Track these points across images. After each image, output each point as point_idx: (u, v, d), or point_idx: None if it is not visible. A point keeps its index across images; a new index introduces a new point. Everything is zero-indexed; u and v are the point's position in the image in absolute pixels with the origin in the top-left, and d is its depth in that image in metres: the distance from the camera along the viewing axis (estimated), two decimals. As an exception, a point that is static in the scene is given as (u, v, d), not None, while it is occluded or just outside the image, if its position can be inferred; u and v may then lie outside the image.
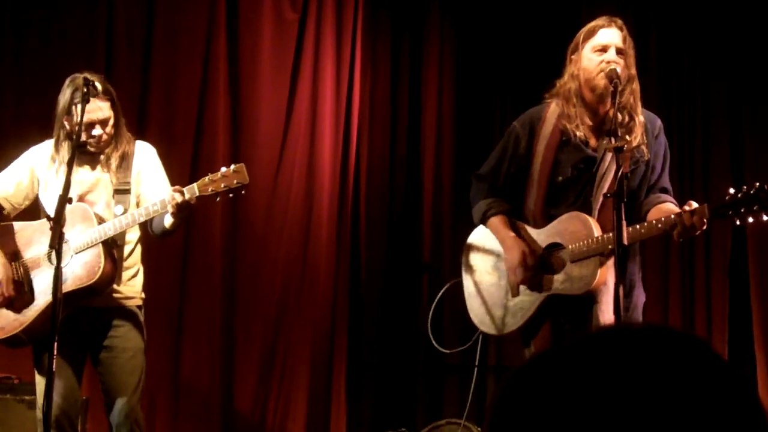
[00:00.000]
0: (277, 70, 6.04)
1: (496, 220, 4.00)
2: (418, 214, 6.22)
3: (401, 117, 6.32)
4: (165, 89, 5.87)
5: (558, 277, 3.83)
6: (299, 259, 5.95)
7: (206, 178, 3.93)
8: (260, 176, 5.72)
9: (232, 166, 3.95)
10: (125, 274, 4.20)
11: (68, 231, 3.93)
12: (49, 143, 4.28)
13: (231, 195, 3.98)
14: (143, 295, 4.30)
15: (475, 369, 4.68)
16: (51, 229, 3.76)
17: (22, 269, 4.18)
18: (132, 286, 4.24)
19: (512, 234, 3.92)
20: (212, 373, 5.77)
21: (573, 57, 3.92)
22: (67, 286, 3.93)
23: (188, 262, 5.78)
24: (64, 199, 3.75)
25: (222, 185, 3.91)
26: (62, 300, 3.70)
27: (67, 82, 4.16)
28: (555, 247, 3.87)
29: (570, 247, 3.80)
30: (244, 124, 6.02)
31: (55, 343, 3.63)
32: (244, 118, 6.01)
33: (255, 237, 5.94)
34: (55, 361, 3.65)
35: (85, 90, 3.96)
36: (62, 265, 3.84)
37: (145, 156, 4.32)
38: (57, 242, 3.70)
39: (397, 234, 6.23)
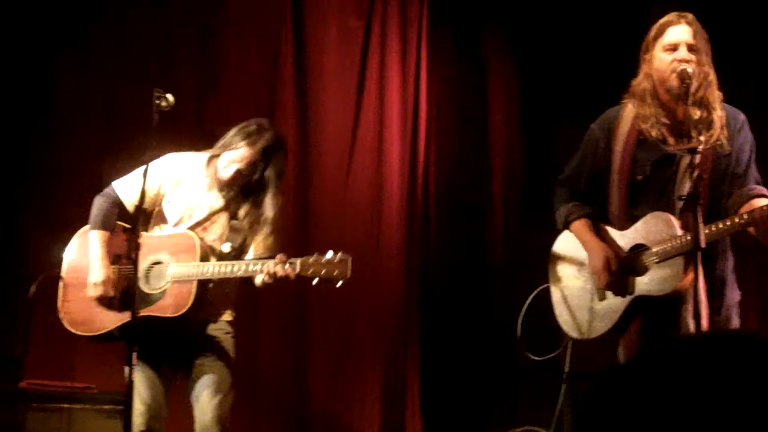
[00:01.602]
0: (343, 78, 6.08)
1: (578, 224, 3.98)
2: (488, 220, 6.17)
3: (468, 121, 6.29)
4: (232, 100, 5.91)
5: (643, 279, 3.79)
6: (369, 265, 5.95)
7: (311, 259, 3.92)
8: (330, 183, 5.75)
9: (339, 255, 3.92)
10: (218, 293, 4.20)
11: (170, 255, 4.03)
12: (181, 156, 4.30)
13: (327, 284, 3.93)
14: (234, 313, 4.30)
15: (564, 375, 4.62)
16: (126, 240, 3.88)
17: (119, 274, 4.19)
18: (223, 303, 4.26)
19: (596, 237, 3.90)
20: (287, 374, 5.81)
21: (645, 56, 3.89)
22: (150, 309, 4.00)
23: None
24: (140, 209, 3.83)
25: (323, 272, 3.90)
26: (145, 317, 3.83)
27: (256, 127, 4.19)
28: (639, 248, 3.83)
29: (654, 248, 3.75)
30: (312, 132, 6.06)
31: (135, 354, 3.68)
32: (311, 127, 6.06)
33: (325, 243, 5.91)
34: (136, 370, 3.72)
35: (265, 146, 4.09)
36: (157, 287, 4.02)
37: (270, 205, 4.24)
38: (134, 250, 3.79)
39: (467, 239, 6.18)
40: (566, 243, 4.07)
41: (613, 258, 3.81)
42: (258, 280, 4.09)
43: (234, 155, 4.15)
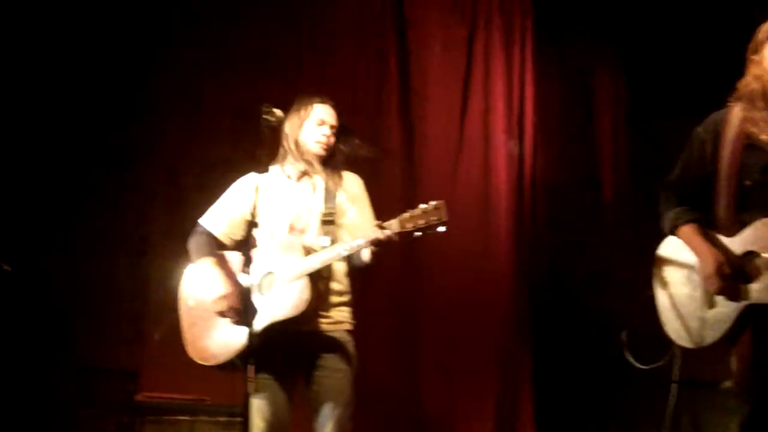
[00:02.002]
0: (448, 88, 6.11)
1: (686, 229, 3.89)
2: (598, 227, 6.12)
3: (573, 129, 6.25)
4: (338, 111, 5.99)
5: (755, 286, 3.67)
6: (478, 272, 5.95)
7: (406, 215, 3.92)
8: (436, 192, 5.71)
9: (432, 203, 3.92)
10: (335, 301, 4.24)
11: (276, 262, 4.07)
12: (257, 174, 4.34)
13: (430, 232, 3.93)
14: (353, 321, 4.32)
15: (673, 385, 4.53)
16: (243, 254, 3.91)
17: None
18: (341, 311, 4.28)
19: (706, 242, 3.80)
20: (398, 386, 5.83)
21: (754, 57, 3.78)
22: (274, 316, 4.03)
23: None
24: (251, 224, 3.91)
25: (421, 222, 3.90)
26: (269, 327, 3.91)
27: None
28: (750, 254, 3.72)
29: (765, 254, 3.65)
30: (418, 142, 6.10)
31: (252, 367, 3.75)
32: (417, 136, 6.10)
33: (433, 251, 5.97)
34: (253, 384, 3.76)
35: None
36: (269, 294, 4.03)
37: (352, 187, 4.36)
38: (246, 265, 3.87)
39: (575, 245, 6.14)
40: (673, 248, 3.97)
41: (725, 262, 3.71)
42: (365, 255, 4.13)
43: (312, 120, 4.28)
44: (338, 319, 4.25)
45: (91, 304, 6.06)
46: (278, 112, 4.13)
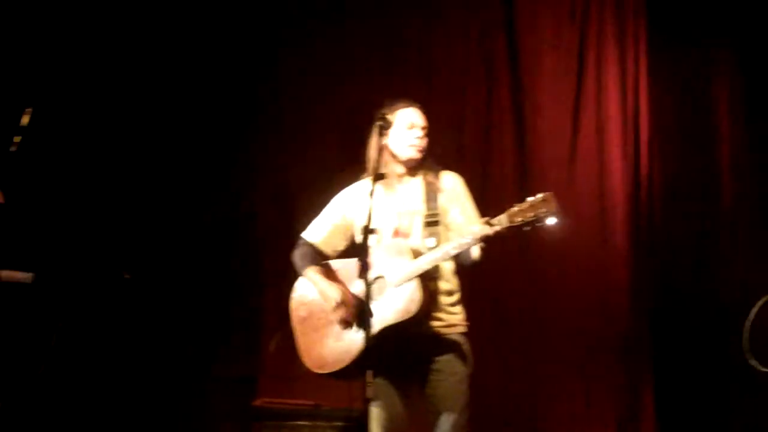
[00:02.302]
0: (559, 87, 6.03)
1: None
2: (716, 231, 5.99)
3: (690, 128, 6.11)
4: (449, 116, 5.99)
5: None
6: (595, 274, 5.88)
7: (514, 209, 3.88)
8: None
9: (539, 195, 3.86)
10: (446, 302, 4.21)
11: (384, 266, 4.07)
12: (358, 184, 4.40)
13: (539, 225, 3.88)
14: (467, 323, 4.27)
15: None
16: (360, 260, 3.87)
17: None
18: (454, 314, 4.24)
19: None
20: (515, 393, 5.79)
21: None
22: (387, 320, 4.02)
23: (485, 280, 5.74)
24: (367, 231, 3.86)
25: (530, 215, 3.85)
26: (382, 332, 3.88)
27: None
28: None
29: None
30: (530, 145, 6.04)
31: (370, 372, 3.72)
32: (529, 137, 6.04)
33: (548, 253, 5.92)
34: (371, 389, 3.73)
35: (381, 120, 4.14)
36: (380, 299, 4.01)
37: (452, 186, 4.32)
38: (364, 275, 3.81)
39: (695, 252, 6.01)
40: None
41: None
42: (474, 253, 4.08)
43: (401, 125, 4.24)
44: (452, 321, 4.22)
45: (208, 312, 6.13)
46: (391, 118, 4.20)
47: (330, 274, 4.31)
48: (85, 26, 6.12)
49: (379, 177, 4.10)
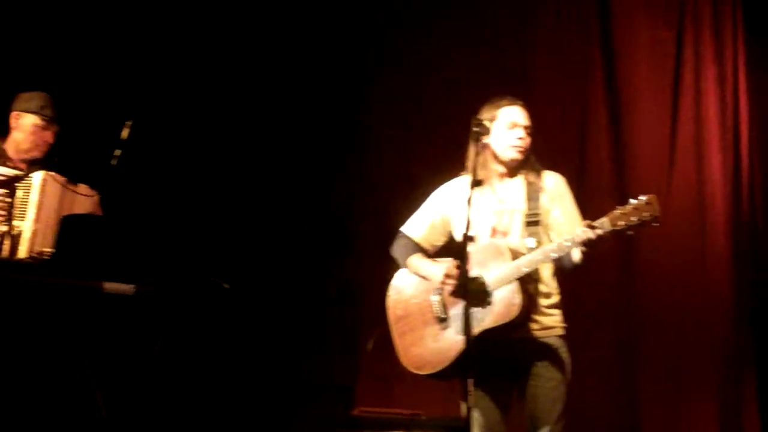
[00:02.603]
0: (656, 91, 5.96)
1: None
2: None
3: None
4: (546, 122, 5.93)
5: None
6: (695, 280, 5.78)
7: (617, 212, 3.85)
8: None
9: (643, 198, 3.83)
10: (544, 304, 4.18)
11: (482, 268, 4.04)
12: (457, 180, 4.39)
13: (642, 228, 3.86)
14: (564, 325, 4.23)
15: None
16: (457, 267, 3.89)
17: (443, 305, 4.23)
18: (552, 316, 4.21)
19: None
20: (614, 399, 5.71)
21: None
22: (486, 323, 4.00)
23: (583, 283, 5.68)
24: (467, 237, 3.82)
25: (633, 218, 3.82)
26: (480, 336, 3.85)
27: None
28: None
29: None
30: (627, 150, 5.96)
31: (471, 380, 3.68)
32: (625, 141, 5.97)
33: (648, 261, 5.85)
34: (472, 396, 3.70)
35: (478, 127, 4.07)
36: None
37: (554, 186, 4.28)
38: (463, 278, 3.80)
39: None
40: None
41: None
42: (575, 256, 4.04)
43: (502, 123, 4.22)
44: (549, 324, 4.18)
45: (305, 320, 6.19)
46: (488, 124, 4.15)
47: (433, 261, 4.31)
48: (185, 39, 6.25)
49: (477, 183, 4.04)
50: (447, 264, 4.17)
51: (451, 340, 4.11)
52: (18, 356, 4.46)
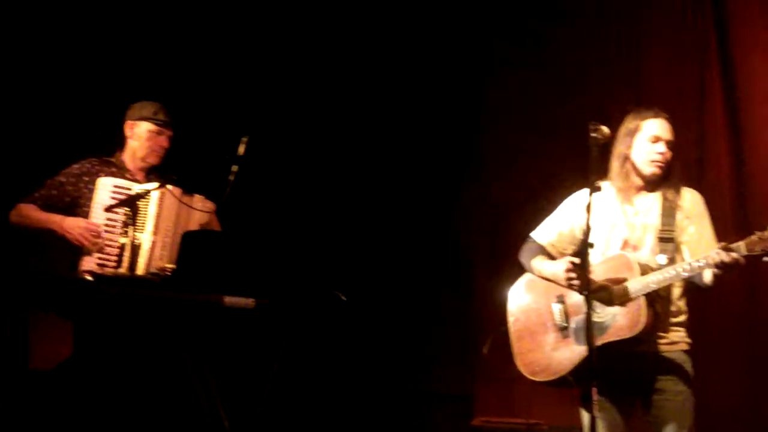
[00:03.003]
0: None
1: None
2: None
3: None
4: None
5: None
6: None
7: (754, 237, 3.78)
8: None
9: None
10: (671, 322, 4.11)
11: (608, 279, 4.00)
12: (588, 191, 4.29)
13: None
14: (689, 341, 4.16)
15: None
16: (578, 276, 3.85)
17: (564, 313, 4.20)
18: (677, 331, 4.14)
19: None
20: (744, 411, 5.58)
21: None
22: (608, 335, 3.96)
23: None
24: (586, 244, 3.76)
25: None
26: (602, 348, 3.79)
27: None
28: None
29: None
30: (745, 146, 5.77)
31: (595, 389, 3.64)
32: (745, 148, 5.77)
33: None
34: (596, 405, 3.65)
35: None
36: (605, 313, 3.96)
37: (692, 204, 4.20)
38: (586, 287, 3.73)
39: None
40: None
41: None
42: (707, 277, 3.96)
43: (644, 136, 4.14)
44: (674, 339, 4.10)
45: (423, 329, 6.19)
46: (605, 129, 4.02)
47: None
48: (304, 58, 6.32)
49: (595, 189, 3.92)
50: (568, 260, 4.11)
51: (569, 350, 4.08)
52: (143, 370, 4.54)
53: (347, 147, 6.39)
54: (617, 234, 4.16)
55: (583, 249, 3.78)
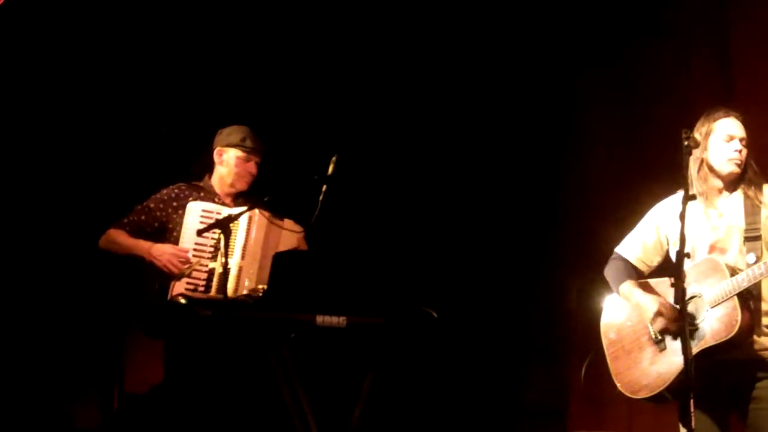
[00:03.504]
0: None
1: None
2: None
3: None
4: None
5: None
6: None
7: None
8: None
9: None
10: (766, 323, 4.01)
11: (700, 285, 3.94)
12: (673, 197, 4.28)
13: None
14: None
15: None
16: (671, 285, 3.74)
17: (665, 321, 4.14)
18: None
19: None
20: None
21: None
22: (706, 341, 3.90)
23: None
24: (682, 254, 3.69)
25: None
26: (699, 356, 3.73)
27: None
28: None
29: None
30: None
31: (692, 401, 3.56)
32: None
33: None
34: (694, 417, 3.58)
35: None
36: (698, 320, 3.89)
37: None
38: (680, 298, 3.64)
39: None
40: None
41: None
42: None
43: (718, 136, 4.10)
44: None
45: (514, 344, 6.18)
46: (698, 136, 4.07)
47: (647, 288, 4.22)
48: (391, 74, 6.37)
49: (690, 198, 3.88)
50: (659, 300, 4.09)
51: (668, 362, 4.03)
52: (236, 391, 4.59)
53: (438, 163, 6.39)
54: (703, 239, 4.10)
55: (678, 259, 3.69)
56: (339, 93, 6.33)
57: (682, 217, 3.74)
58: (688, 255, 3.72)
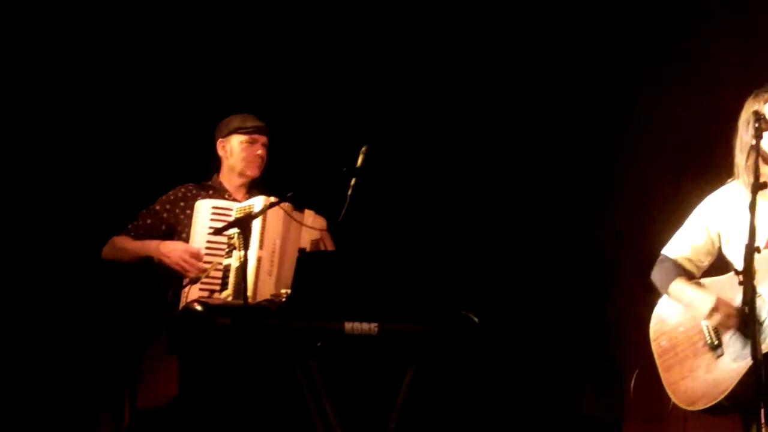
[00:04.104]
0: None
1: None
2: None
3: None
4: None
5: None
6: None
7: None
8: None
9: None
10: None
11: (761, 283, 3.62)
12: (723, 190, 4.08)
13: None
14: None
15: None
16: (740, 283, 3.50)
17: (715, 330, 3.97)
18: None
19: None
20: None
21: None
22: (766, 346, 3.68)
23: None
24: (752, 249, 3.47)
25: None
26: (760, 362, 3.45)
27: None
28: None
29: None
30: None
31: (762, 410, 3.35)
32: None
33: None
34: (765, 428, 3.36)
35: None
36: (761, 321, 3.72)
37: None
38: (749, 297, 3.44)
39: None
40: None
41: None
42: None
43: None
44: None
45: (565, 353, 6.03)
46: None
47: (700, 287, 4.04)
48: (425, 67, 6.21)
49: (761, 186, 3.63)
50: (715, 295, 3.91)
51: (726, 369, 3.85)
52: (260, 405, 4.36)
53: (485, 156, 6.25)
54: (762, 233, 3.78)
55: (748, 253, 3.47)
56: (377, 75, 6.20)
57: (752, 207, 3.54)
58: (758, 249, 3.48)
